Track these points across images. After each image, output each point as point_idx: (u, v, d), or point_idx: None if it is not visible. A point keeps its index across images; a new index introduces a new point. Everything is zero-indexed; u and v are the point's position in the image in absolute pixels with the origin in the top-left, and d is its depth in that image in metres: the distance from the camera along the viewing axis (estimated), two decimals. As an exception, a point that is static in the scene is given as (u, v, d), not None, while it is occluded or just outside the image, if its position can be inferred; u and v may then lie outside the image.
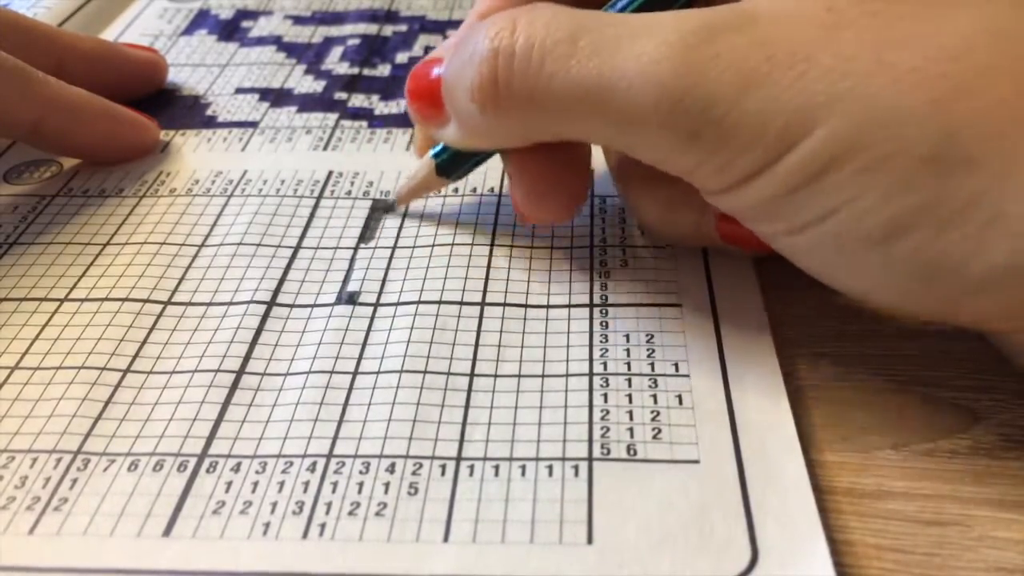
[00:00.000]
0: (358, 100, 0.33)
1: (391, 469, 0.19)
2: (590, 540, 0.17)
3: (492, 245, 0.25)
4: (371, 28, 0.39)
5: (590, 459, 0.19)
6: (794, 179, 0.17)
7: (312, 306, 0.24)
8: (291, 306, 0.24)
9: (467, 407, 0.20)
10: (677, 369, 0.21)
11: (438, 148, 0.25)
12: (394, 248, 0.25)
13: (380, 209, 0.27)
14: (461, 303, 0.23)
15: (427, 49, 0.37)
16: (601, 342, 0.22)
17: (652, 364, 0.21)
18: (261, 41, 0.38)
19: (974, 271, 0.16)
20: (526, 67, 0.19)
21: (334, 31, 0.39)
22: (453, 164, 0.25)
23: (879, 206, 0.17)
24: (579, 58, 0.18)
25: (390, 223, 0.26)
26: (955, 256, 0.16)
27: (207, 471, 0.19)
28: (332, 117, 0.32)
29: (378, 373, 0.21)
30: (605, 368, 0.21)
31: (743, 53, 0.17)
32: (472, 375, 0.21)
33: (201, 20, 0.40)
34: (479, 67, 0.20)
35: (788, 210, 0.18)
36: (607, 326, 0.22)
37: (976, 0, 0.17)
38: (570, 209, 0.23)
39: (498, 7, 0.24)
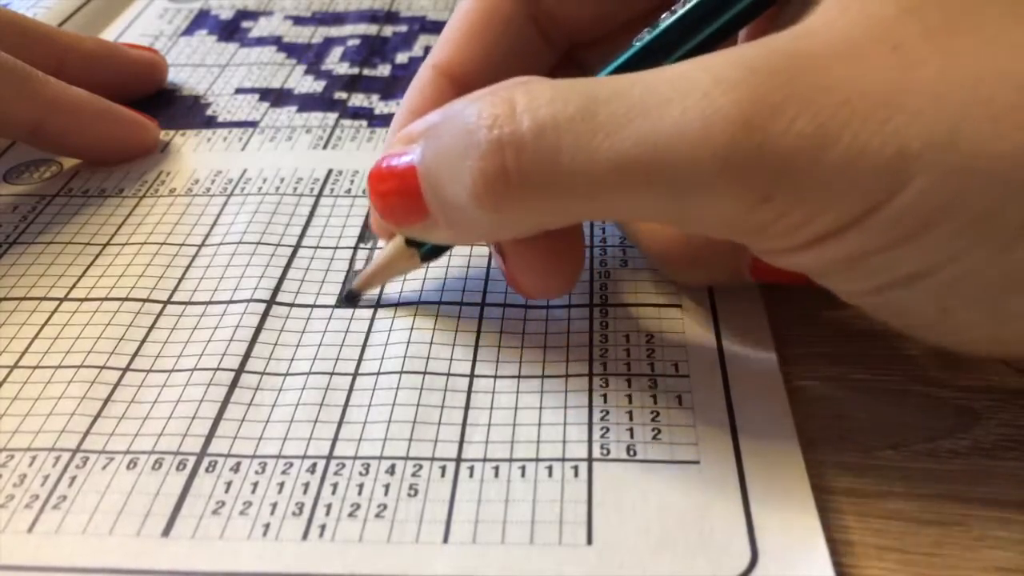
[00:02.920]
0: (358, 100, 0.33)
1: (391, 470, 0.19)
2: (590, 541, 0.17)
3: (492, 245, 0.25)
4: (371, 28, 0.39)
5: (590, 460, 0.19)
6: (888, 236, 0.15)
7: (312, 306, 0.23)
8: (291, 305, 0.23)
9: (467, 408, 0.20)
10: (677, 369, 0.21)
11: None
12: (394, 248, 0.25)
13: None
14: (461, 303, 0.23)
15: (427, 49, 0.37)
16: (601, 342, 0.22)
17: (652, 364, 0.21)
18: (261, 41, 0.38)
19: None
20: (539, 154, 0.16)
21: (334, 31, 0.39)
22: (440, 249, 0.22)
23: (985, 265, 0.15)
24: (605, 132, 0.16)
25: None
26: None
27: (206, 470, 0.19)
28: (332, 117, 0.32)
29: (378, 374, 0.21)
30: (605, 368, 0.21)
31: (811, 101, 0.15)
32: (472, 376, 0.21)
33: (201, 20, 0.40)
34: (481, 162, 0.17)
35: (877, 268, 0.16)
36: (607, 326, 0.22)
37: None
38: (572, 281, 0.21)
39: (426, 104, 0.22)
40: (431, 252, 0.22)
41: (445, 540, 0.17)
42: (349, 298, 0.24)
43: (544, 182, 0.17)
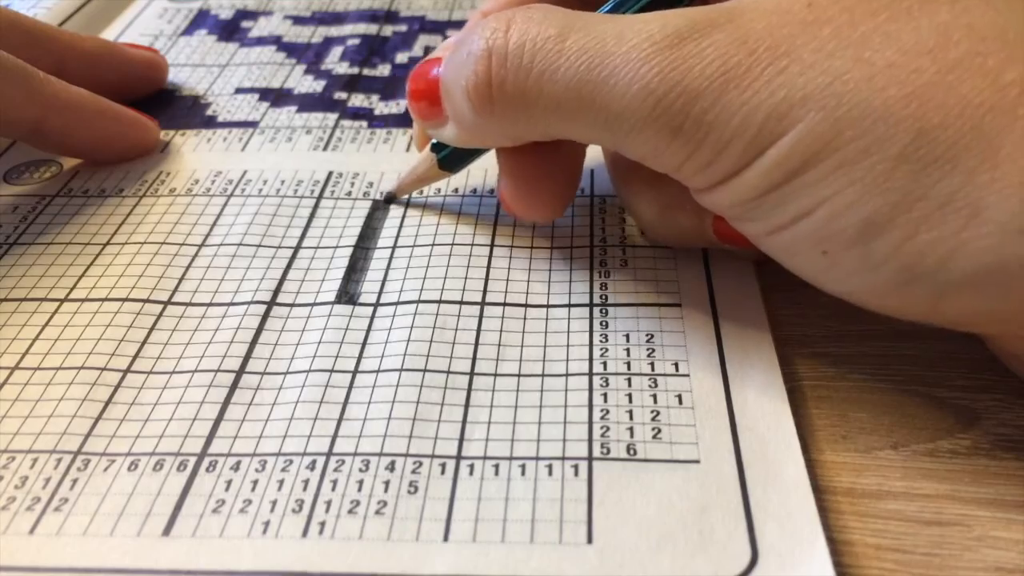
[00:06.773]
0: (358, 100, 0.33)
1: (391, 467, 0.19)
2: (590, 540, 0.17)
3: (492, 245, 0.25)
4: (371, 28, 0.39)
5: (590, 458, 0.19)
6: (772, 177, 0.17)
7: (312, 305, 0.24)
8: (291, 306, 0.24)
9: (467, 406, 0.20)
10: (677, 369, 0.21)
11: (436, 141, 0.25)
12: (394, 248, 0.25)
13: (380, 207, 0.27)
14: (461, 302, 0.23)
15: (427, 49, 0.37)
16: (601, 342, 0.22)
17: (652, 364, 0.21)
18: (261, 41, 0.38)
19: (953, 272, 0.16)
20: (517, 66, 0.19)
21: (334, 31, 0.39)
22: (454, 159, 0.25)
23: (854, 205, 0.17)
24: (567, 56, 0.19)
25: (390, 224, 0.26)
26: (933, 256, 0.16)
27: (207, 470, 0.19)
28: (332, 117, 0.32)
29: (378, 372, 0.21)
30: (605, 368, 0.21)
31: (725, 50, 0.17)
32: (472, 374, 0.21)
33: (201, 20, 0.40)
34: (474, 67, 0.20)
35: (768, 209, 0.18)
36: (607, 326, 0.22)
37: None
38: (555, 208, 0.24)
39: (503, 6, 0.24)
40: (446, 160, 0.25)
41: (445, 538, 0.17)
42: (389, 200, 0.27)
43: (515, 92, 0.19)
